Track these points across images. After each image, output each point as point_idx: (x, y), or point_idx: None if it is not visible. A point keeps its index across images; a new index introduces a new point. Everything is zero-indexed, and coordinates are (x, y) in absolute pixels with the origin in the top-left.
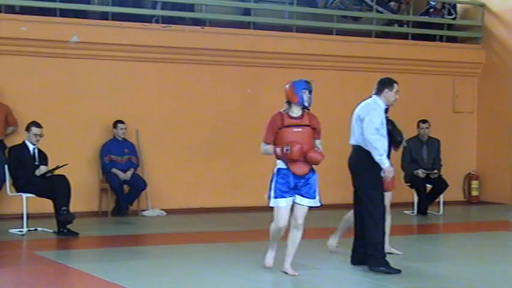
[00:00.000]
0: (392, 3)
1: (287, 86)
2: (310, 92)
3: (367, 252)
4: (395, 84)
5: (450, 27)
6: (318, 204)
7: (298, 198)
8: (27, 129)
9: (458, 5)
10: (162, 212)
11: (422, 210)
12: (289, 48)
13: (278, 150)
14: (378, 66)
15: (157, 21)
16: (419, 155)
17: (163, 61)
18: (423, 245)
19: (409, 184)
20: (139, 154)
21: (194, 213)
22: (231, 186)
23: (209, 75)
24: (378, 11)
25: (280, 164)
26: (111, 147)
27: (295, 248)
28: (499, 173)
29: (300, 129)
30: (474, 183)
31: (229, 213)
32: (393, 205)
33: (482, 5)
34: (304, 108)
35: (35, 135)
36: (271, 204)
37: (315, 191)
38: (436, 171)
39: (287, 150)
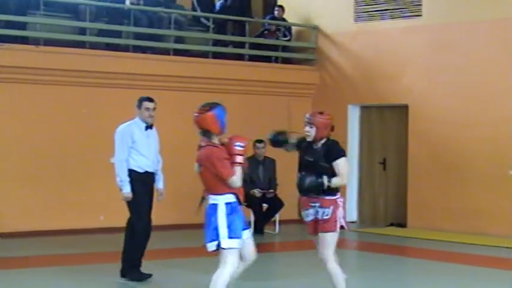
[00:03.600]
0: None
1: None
2: None
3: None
4: (144, 102)
5: (285, 49)
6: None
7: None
8: None
9: (293, 28)
10: None
11: (258, 229)
12: (126, 68)
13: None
14: (215, 87)
15: None
16: (256, 174)
17: None
18: (259, 264)
19: (245, 204)
20: None
21: (27, 237)
22: (65, 209)
23: (44, 95)
24: (214, 32)
25: (230, 198)
26: None
27: None
28: None
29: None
30: None
31: (64, 236)
32: None
33: (316, 28)
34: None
35: None
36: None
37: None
38: (272, 190)
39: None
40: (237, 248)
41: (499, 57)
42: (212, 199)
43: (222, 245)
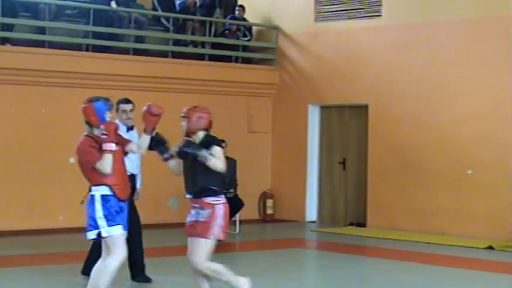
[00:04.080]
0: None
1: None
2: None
3: None
4: (120, 105)
5: (245, 48)
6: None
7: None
8: None
9: (253, 27)
10: None
11: None
12: (84, 67)
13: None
14: (175, 87)
15: None
16: None
17: None
18: (220, 263)
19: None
20: None
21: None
22: (25, 208)
23: (4, 94)
24: (174, 32)
25: (106, 190)
26: None
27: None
28: (292, 191)
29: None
30: (269, 202)
31: (23, 236)
32: None
33: (276, 28)
34: None
35: None
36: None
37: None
38: (232, 190)
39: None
40: (118, 235)
41: (458, 58)
42: (92, 190)
43: (103, 235)
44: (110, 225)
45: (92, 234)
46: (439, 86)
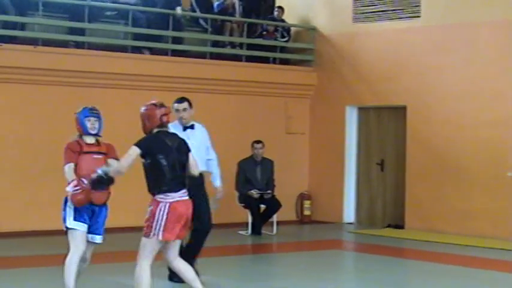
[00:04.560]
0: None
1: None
2: (97, 119)
3: None
4: (173, 104)
5: (283, 49)
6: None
7: (90, 236)
8: None
9: (291, 28)
10: None
11: (256, 230)
12: (122, 68)
13: (69, 188)
14: (213, 88)
15: None
16: (253, 175)
17: None
18: (257, 265)
19: (243, 204)
20: None
21: (24, 237)
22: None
23: (42, 95)
24: (212, 33)
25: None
26: None
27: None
28: (330, 192)
29: (99, 157)
30: (306, 203)
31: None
32: (228, 225)
33: (314, 29)
34: (95, 135)
35: None
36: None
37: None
38: (269, 191)
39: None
40: (73, 231)
41: (497, 58)
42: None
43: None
44: (63, 221)
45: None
46: (478, 87)
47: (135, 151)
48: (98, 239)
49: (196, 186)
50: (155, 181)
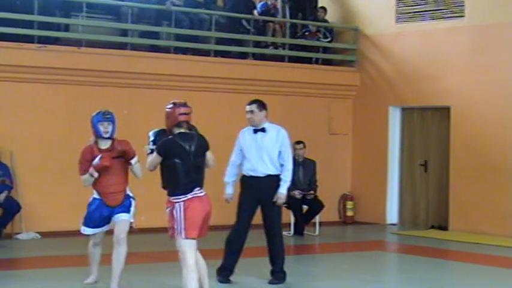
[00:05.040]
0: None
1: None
2: (110, 123)
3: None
4: (246, 106)
5: (326, 50)
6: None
7: (115, 216)
8: None
9: (334, 29)
10: (37, 235)
11: (298, 231)
12: (166, 69)
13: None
14: (255, 88)
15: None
16: (295, 176)
17: (39, 81)
18: (300, 266)
19: (285, 205)
20: (13, 176)
21: (70, 236)
22: None
23: (86, 96)
24: (254, 34)
25: (95, 194)
26: None
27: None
28: (373, 193)
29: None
30: (349, 204)
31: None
32: None
33: (356, 29)
34: (108, 139)
35: None
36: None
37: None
38: (312, 192)
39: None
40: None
41: None
42: None
43: None
44: (83, 224)
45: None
46: None
47: (158, 157)
48: (124, 215)
49: (270, 188)
50: (169, 183)
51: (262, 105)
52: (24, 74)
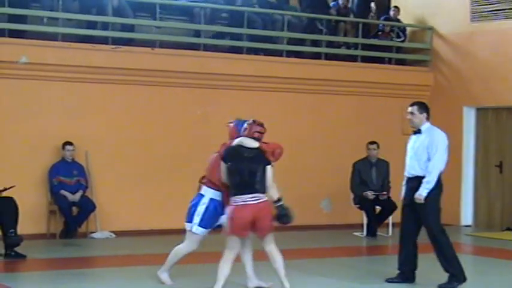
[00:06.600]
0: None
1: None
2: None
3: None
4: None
5: (399, 49)
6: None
7: None
8: None
9: (407, 28)
10: (111, 234)
11: (371, 232)
12: (239, 70)
13: None
14: (328, 89)
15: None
16: (368, 176)
17: (113, 82)
18: (372, 266)
19: (358, 206)
20: (88, 176)
21: (144, 235)
22: (181, 208)
23: (159, 96)
24: (326, 34)
25: (214, 195)
26: (60, 169)
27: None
28: (447, 194)
29: None
30: None
31: (180, 235)
32: (343, 227)
33: (431, 28)
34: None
35: None
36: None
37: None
38: (385, 192)
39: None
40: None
41: None
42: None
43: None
44: (198, 224)
45: (187, 226)
46: None
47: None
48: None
49: (410, 189)
50: (229, 184)
51: (421, 107)
52: (99, 75)
